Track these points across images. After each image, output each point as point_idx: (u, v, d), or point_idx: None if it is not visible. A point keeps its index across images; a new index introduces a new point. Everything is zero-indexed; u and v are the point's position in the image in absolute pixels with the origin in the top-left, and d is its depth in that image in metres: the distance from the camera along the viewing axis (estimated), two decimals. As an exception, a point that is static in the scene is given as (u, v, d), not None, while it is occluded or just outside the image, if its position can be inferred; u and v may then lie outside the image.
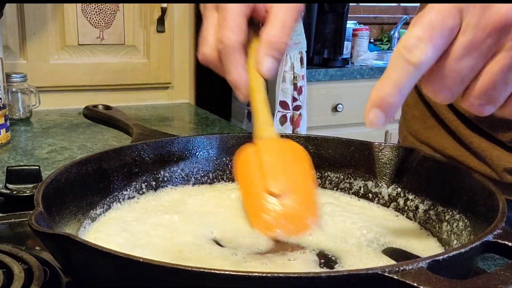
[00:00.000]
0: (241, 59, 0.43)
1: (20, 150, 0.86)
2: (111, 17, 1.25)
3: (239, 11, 0.42)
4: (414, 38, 0.31)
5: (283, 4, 0.43)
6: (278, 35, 0.42)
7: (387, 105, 0.32)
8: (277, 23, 0.43)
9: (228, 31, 0.42)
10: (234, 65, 0.43)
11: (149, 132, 0.55)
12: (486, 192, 0.36)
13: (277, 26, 0.43)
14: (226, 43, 0.42)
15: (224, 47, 0.42)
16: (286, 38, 0.43)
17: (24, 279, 0.36)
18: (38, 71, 1.19)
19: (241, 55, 0.43)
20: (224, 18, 0.42)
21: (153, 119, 1.14)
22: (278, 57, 0.43)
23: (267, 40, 0.42)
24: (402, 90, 0.32)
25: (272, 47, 0.42)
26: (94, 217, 0.43)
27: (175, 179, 0.50)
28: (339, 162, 0.50)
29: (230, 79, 0.43)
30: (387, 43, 2.51)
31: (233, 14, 0.42)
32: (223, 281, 0.26)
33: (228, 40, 0.42)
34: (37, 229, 0.30)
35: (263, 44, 0.43)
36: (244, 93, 0.43)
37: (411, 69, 0.31)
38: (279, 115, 1.74)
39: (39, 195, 0.35)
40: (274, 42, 0.42)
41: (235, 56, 0.42)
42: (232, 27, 0.42)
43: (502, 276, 0.24)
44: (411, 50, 0.31)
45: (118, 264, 0.28)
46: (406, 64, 0.31)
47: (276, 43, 0.42)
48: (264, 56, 0.42)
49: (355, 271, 0.26)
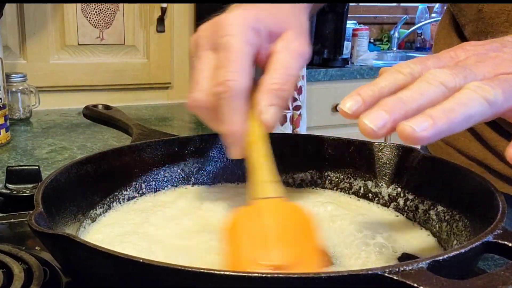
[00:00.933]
0: (243, 107, 0.37)
1: (20, 150, 0.86)
2: (111, 17, 1.25)
3: (246, 51, 0.37)
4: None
5: (288, 49, 0.39)
6: (282, 82, 0.38)
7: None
8: (281, 69, 0.38)
9: (234, 73, 0.36)
10: (235, 112, 0.37)
11: (149, 132, 0.55)
12: (486, 192, 0.36)
13: (280, 72, 0.38)
14: (231, 86, 0.36)
15: (227, 91, 0.36)
16: (290, 86, 0.38)
17: (24, 279, 0.36)
18: (38, 71, 1.19)
19: (244, 102, 0.37)
20: (227, 59, 0.37)
21: (153, 119, 1.14)
22: (283, 106, 0.38)
23: (269, 88, 0.37)
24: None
25: (275, 95, 0.37)
26: (94, 217, 0.43)
27: (175, 179, 0.50)
28: (339, 162, 0.50)
29: (227, 129, 0.37)
30: (387, 43, 2.52)
31: (239, 54, 0.37)
32: (223, 281, 0.26)
33: (233, 83, 0.36)
34: (37, 229, 0.30)
35: (265, 92, 0.37)
36: (241, 147, 0.38)
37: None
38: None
39: (39, 195, 0.35)
40: (278, 89, 0.38)
41: (239, 102, 0.37)
42: (239, 69, 0.36)
43: (502, 277, 0.24)
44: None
45: (118, 264, 0.28)
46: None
47: (279, 90, 0.38)
48: (268, 104, 0.37)
49: (355, 271, 0.26)
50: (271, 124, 0.38)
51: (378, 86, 0.33)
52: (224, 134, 0.38)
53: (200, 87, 0.38)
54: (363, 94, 0.32)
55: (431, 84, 0.31)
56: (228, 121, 0.37)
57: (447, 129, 0.29)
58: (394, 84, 0.33)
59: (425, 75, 0.32)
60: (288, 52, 0.39)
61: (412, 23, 2.56)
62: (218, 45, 0.38)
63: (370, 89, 0.33)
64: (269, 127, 0.38)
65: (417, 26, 2.50)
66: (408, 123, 0.29)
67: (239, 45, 0.37)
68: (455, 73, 0.31)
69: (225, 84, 0.37)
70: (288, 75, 0.38)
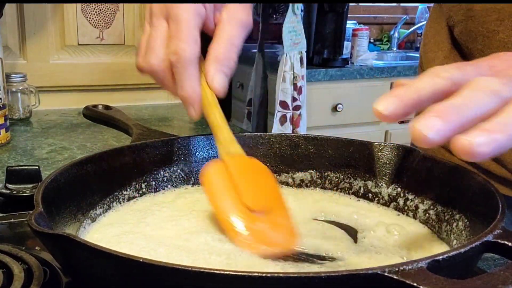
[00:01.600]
0: (196, 73, 0.42)
1: (20, 150, 0.86)
2: (111, 17, 1.25)
3: (194, 23, 0.41)
4: None
5: (233, 18, 0.43)
6: (225, 52, 0.42)
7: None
8: (224, 40, 0.42)
9: (184, 44, 0.41)
10: (189, 79, 0.41)
11: (149, 132, 0.55)
12: (485, 192, 0.36)
13: (224, 43, 0.42)
14: (182, 56, 0.41)
15: (179, 60, 0.41)
16: (234, 55, 0.42)
17: (24, 279, 0.36)
18: (38, 71, 1.19)
19: (196, 69, 0.42)
20: (178, 30, 0.41)
21: (153, 119, 1.14)
22: (229, 74, 0.42)
23: (215, 57, 0.42)
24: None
25: (221, 64, 0.42)
26: (94, 217, 0.43)
27: (175, 179, 0.50)
28: (339, 162, 0.50)
29: (183, 94, 0.42)
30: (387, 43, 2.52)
31: (189, 26, 0.41)
32: (223, 281, 0.26)
33: (184, 52, 0.41)
34: (37, 229, 0.30)
35: (211, 61, 0.42)
36: (197, 109, 0.42)
37: None
38: (279, 115, 1.74)
39: (39, 195, 0.35)
40: (222, 59, 0.42)
41: (191, 70, 0.41)
42: (188, 39, 0.41)
43: (502, 276, 0.24)
44: None
45: (118, 264, 0.28)
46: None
47: (224, 60, 0.42)
48: (216, 72, 0.42)
49: (355, 271, 0.26)
50: (220, 90, 0.42)
51: (416, 87, 0.31)
52: (181, 98, 0.43)
53: (155, 53, 0.42)
54: (400, 95, 0.30)
55: (485, 93, 0.29)
56: (182, 87, 0.42)
57: (505, 144, 0.27)
58: (433, 87, 0.31)
59: (475, 83, 0.30)
60: (232, 22, 0.43)
61: (412, 23, 2.55)
62: (170, 16, 0.42)
63: (407, 90, 0.31)
64: (219, 92, 0.42)
65: (417, 26, 2.49)
66: (466, 137, 0.27)
67: (188, 17, 0.41)
68: (505, 83, 0.30)
69: (177, 53, 0.41)
70: (232, 45, 0.42)
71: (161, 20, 0.43)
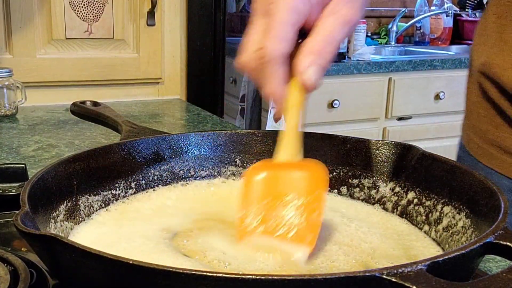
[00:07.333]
0: (280, 72, 0.39)
1: (6, 148, 0.84)
2: (99, 10, 1.23)
3: (288, 19, 0.39)
4: None
5: (334, 13, 0.40)
6: (323, 45, 0.39)
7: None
8: (322, 35, 0.39)
9: (272, 40, 0.38)
10: (272, 77, 0.39)
11: (139, 129, 0.54)
12: (487, 191, 0.36)
13: (321, 37, 0.39)
14: (268, 53, 0.39)
15: (265, 56, 0.39)
16: (331, 49, 0.39)
17: (9, 282, 0.35)
18: (24, 66, 1.17)
19: (281, 68, 0.39)
20: (270, 27, 0.39)
21: (143, 116, 1.13)
22: (324, 67, 0.39)
23: (310, 49, 0.39)
24: None
25: (316, 56, 0.39)
26: (82, 218, 0.43)
27: (165, 177, 0.50)
28: (335, 160, 0.49)
29: (266, 92, 0.40)
30: (385, 37, 2.46)
31: (281, 22, 0.39)
32: (216, 283, 0.25)
33: (270, 49, 0.38)
34: (23, 230, 0.29)
35: (306, 53, 0.39)
36: (279, 109, 0.41)
37: None
38: (273, 112, 1.73)
39: (25, 195, 0.34)
40: (318, 51, 0.39)
41: (275, 68, 0.39)
42: (278, 36, 0.38)
43: (504, 279, 0.24)
44: None
45: (107, 265, 0.27)
46: None
47: (320, 52, 0.39)
48: (310, 63, 0.38)
49: (353, 273, 0.25)
50: (311, 83, 0.39)
51: None
52: (265, 96, 0.41)
53: (246, 49, 0.41)
54: None
55: None
56: (267, 85, 0.40)
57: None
58: None
59: None
60: (334, 17, 0.40)
61: (411, 16, 2.51)
62: (267, 12, 0.40)
63: None
64: (309, 87, 0.39)
65: (416, 20, 2.45)
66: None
67: (282, 13, 0.39)
68: None
69: (264, 49, 0.39)
70: (330, 38, 0.39)
71: (259, 17, 0.41)
